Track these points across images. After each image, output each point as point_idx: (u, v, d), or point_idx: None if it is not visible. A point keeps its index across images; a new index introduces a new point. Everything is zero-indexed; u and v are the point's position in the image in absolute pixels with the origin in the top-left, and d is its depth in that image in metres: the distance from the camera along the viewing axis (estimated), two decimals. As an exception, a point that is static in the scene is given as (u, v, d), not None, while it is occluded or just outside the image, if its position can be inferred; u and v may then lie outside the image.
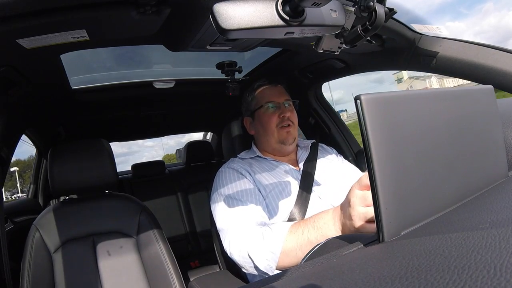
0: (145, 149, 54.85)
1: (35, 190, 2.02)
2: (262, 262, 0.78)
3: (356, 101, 0.40)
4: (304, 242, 0.73)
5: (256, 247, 0.80)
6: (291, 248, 0.75)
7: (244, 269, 0.84)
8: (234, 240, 0.85)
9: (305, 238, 0.74)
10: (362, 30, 0.59)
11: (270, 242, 0.78)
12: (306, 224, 0.76)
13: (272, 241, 0.78)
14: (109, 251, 1.09)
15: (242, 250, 0.82)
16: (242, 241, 0.83)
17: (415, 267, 0.30)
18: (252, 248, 0.80)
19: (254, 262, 0.79)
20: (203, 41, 0.84)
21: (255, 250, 0.79)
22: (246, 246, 0.81)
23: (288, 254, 0.75)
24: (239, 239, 0.84)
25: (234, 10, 0.46)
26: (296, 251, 0.74)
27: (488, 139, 0.58)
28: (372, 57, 1.17)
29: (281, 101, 1.09)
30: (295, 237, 0.75)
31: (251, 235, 0.83)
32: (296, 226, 0.77)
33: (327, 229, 0.71)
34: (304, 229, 0.75)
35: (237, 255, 0.83)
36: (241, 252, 0.82)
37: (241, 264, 0.84)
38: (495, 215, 0.37)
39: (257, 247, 0.79)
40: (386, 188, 0.40)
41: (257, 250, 0.79)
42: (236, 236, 0.85)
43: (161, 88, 1.46)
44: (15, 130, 1.23)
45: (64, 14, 0.66)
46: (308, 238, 0.73)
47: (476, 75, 0.94)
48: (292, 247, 0.75)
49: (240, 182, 0.97)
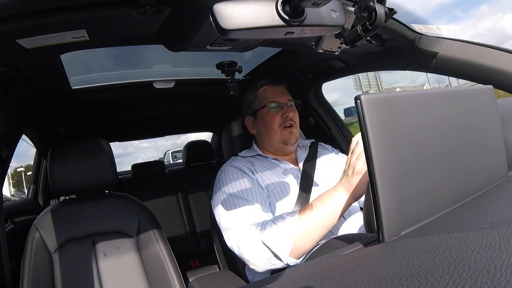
0: (140, 150, 54.98)
1: (35, 190, 2.02)
2: (279, 246, 0.79)
3: (356, 101, 0.40)
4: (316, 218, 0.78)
5: (270, 233, 0.80)
6: (304, 227, 0.78)
7: (254, 265, 0.82)
8: (243, 236, 0.84)
9: (315, 214, 0.79)
10: (362, 30, 0.59)
11: (284, 225, 0.80)
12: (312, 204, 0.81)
13: (286, 223, 0.80)
14: (109, 251, 1.09)
15: (254, 242, 0.81)
16: (252, 234, 0.82)
17: (415, 267, 0.30)
18: (266, 236, 0.80)
19: (271, 248, 0.79)
20: (203, 41, 0.84)
21: (270, 236, 0.80)
22: (258, 237, 0.81)
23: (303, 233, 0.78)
24: (249, 233, 0.83)
25: (234, 10, 0.46)
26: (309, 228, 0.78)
27: (488, 139, 0.58)
28: (372, 57, 1.17)
29: (284, 101, 1.09)
30: (306, 216, 0.80)
31: (263, 224, 0.83)
32: (304, 209, 0.82)
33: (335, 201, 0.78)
34: (313, 207, 0.80)
35: (249, 249, 0.82)
36: (254, 244, 0.81)
37: (252, 259, 0.82)
38: (495, 215, 0.37)
39: (272, 233, 0.80)
40: (386, 188, 0.40)
41: (272, 236, 0.80)
42: (245, 232, 0.84)
43: (161, 88, 1.46)
44: (15, 130, 1.23)
45: (64, 14, 0.66)
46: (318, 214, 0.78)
47: (476, 75, 0.94)
48: (305, 226, 0.79)
49: (243, 181, 0.97)
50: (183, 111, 2.00)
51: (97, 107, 1.59)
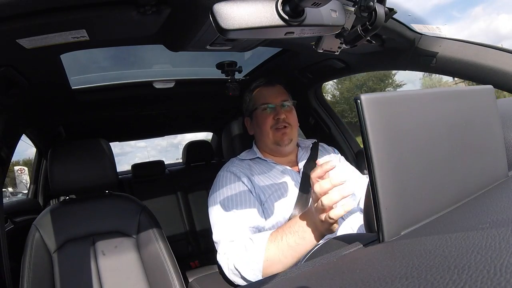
0: (137, 149, 55.01)
1: (35, 190, 2.02)
2: (248, 273, 0.80)
3: (356, 101, 0.40)
4: (285, 247, 0.75)
5: (240, 259, 0.81)
6: (273, 255, 0.77)
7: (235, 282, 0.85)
8: (222, 254, 0.87)
9: (284, 243, 0.76)
10: (362, 30, 0.59)
11: (252, 252, 0.80)
12: (283, 230, 0.78)
13: (254, 251, 0.79)
14: (109, 251, 1.09)
15: (229, 263, 0.83)
16: (228, 254, 0.85)
17: (415, 267, 0.30)
18: (237, 261, 0.82)
19: (241, 274, 0.81)
20: (203, 41, 0.84)
21: (240, 262, 0.81)
22: (232, 259, 0.83)
23: (272, 261, 0.77)
24: (227, 253, 0.85)
25: (234, 10, 0.46)
26: (279, 257, 0.76)
27: (488, 139, 0.58)
28: (372, 57, 1.17)
29: (277, 102, 1.08)
30: (275, 244, 0.77)
31: (235, 248, 0.84)
32: (275, 234, 0.79)
33: (302, 231, 0.74)
34: (282, 235, 0.77)
35: (226, 268, 0.85)
36: (229, 265, 0.84)
37: (231, 278, 0.84)
38: (495, 215, 0.37)
39: (242, 259, 0.81)
40: (386, 188, 0.40)
41: (242, 262, 0.81)
42: (224, 249, 0.87)
43: (161, 88, 1.46)
44: (15, 130, 1.23)
45: (64, 14, 0.66)
46: (288, 243, 0.75)
47: (476, 75, 0.94)
48: (274, 254, 0.77)
49: (235, 186, 0.98)
50: (183, 111, 2.00)
51: (97, 107, 1.59)
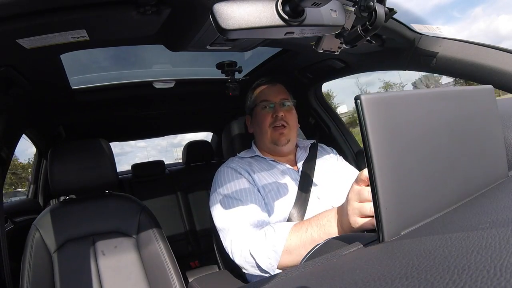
0: (137, 149, 54.79)
1: (35, 190, 2.02)
2: (264, 261, 0.79)
3: (356, 101, 0.40)
4: (308, 239, 0.74)
5: (258, 246, 0.80)
6: (294, 246, 0.76)
7: (245, 269, 0.84)
8: (235, 239, 0.85)
9: (308, 235, 0.75)
10: (362, 30, 0.59)
11: (272, 240, 0.79)
12: (310, 222, 0.77)
13: (275, 239, 0.78)
14: (109, 251, 1.09)
15: (244, 249, 0.82)
16: (244, 240, 0.83)
17: (415, 267, 0.30)
18: (254, 247, 0.80)
19: (256, 261, 0.80)
20: (203, 41, 0.84)
21: (257, 249, 0.80)
22: (248, 245, 0.82)
23: (291, 252, 0.76)
24: (241, 238, 0.84)
25: (234, 10, 0.46)
26: (299, 249, 0.75)
27: (488, 139, 0.58)
28: (372, 57, 1.17)
29: (276, 100, 1.08)
30: (298, 235, 0.76)
31: (253, 234, 0.83)
32: (300, 225, 0.78)
33: (329, 226, 0.73)
34: (308, 227, 0.76)
35: (238, 255, 0.83)
36: (243, 251, 0.82)
37: (241, 264, 0.84)
38: (495, 215, 0.37)
39: (260, 246, 0.80)
40: (386, 188, 0.40)
41: (259, 249, 0.80)
42: (238, 235, 0.85)
43: (161, 88, 1.46)
44: (15, 130, 1.23)
45: (64, 14, 0.66)
46: (312, 236, 0.74)
47: (476, 75, 0.94)
48: (295, 245, 0.76)
49: (238, 182, 0.97)
50: (183, 111, 2.00)
51: (97, 107, 1.59)
